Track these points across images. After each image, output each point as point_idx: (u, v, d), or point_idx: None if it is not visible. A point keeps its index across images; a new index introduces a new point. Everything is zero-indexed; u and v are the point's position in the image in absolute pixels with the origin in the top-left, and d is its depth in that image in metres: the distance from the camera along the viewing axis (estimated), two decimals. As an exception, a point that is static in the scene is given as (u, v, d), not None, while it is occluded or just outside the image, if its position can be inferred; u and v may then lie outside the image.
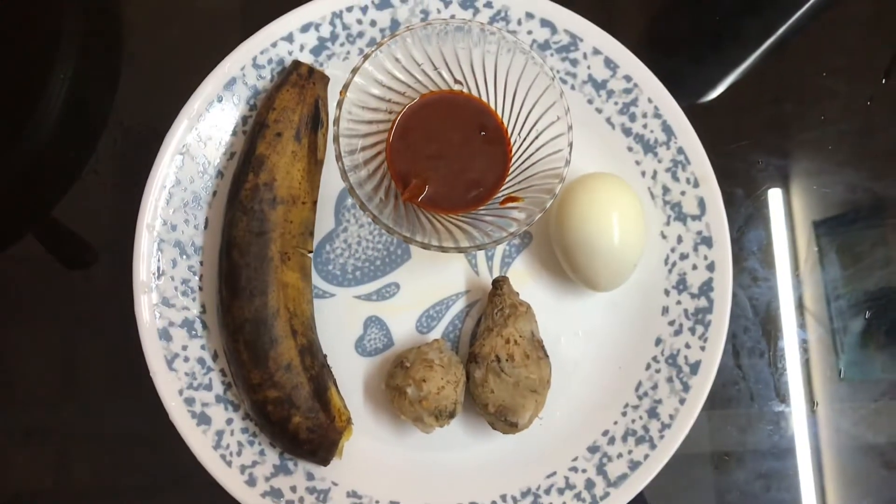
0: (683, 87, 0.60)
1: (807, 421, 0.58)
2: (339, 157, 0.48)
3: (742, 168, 0.61)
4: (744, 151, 0.62)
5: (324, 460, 0.51)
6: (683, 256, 0.55)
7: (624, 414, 0.54)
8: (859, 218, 0.61)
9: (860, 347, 0.59)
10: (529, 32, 0.57)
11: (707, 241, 0.55)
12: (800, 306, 0.60)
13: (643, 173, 0.57)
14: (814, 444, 0.58)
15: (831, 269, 0.60)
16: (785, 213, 0.61)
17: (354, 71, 0.49)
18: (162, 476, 0.56)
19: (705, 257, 0.55)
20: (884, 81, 0.63)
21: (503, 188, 0.53)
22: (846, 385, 0.59)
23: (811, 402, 0.59)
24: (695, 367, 0.54)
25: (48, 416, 0.57)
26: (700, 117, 0.56)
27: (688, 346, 0.54)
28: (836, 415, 0.58)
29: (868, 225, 0.61)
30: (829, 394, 0.59)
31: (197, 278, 0.55)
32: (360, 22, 0.56)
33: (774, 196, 0.61)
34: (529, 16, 0.57)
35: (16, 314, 0.58)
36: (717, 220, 0.55)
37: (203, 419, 0.52)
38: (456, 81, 0.53)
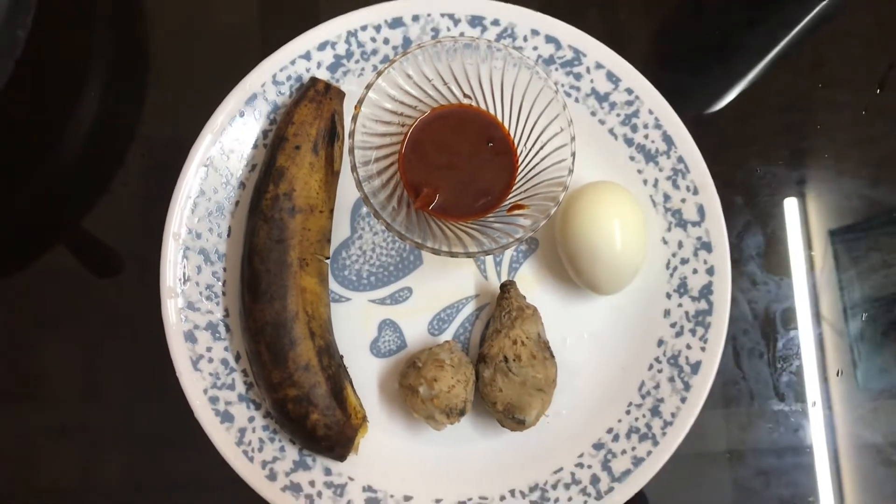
0: (687, 99, 0.62)
1: (806, 419, 0.59)
2: (354, 168, 0.50)
3: (741, 176, 0.62)
4: (744, 160, 0.63)
5: (340, 456, 0.53)
6: (684, 261, 0.56)
7: (627, 412, 0.55)
8: (855, 225, 0.63)
9: (877, 355, 0.60)
10: (535, 48, 0.58)
11: (707, 247, 0.56)
12: (810, 308, 0.61)
13: (645, 181, 0.58)
14: (813, 442, 0.59)
15: (829, 273, 0.61)
16: (782, 219, 0.62)
17: (368, 87, 0.50)
18: (186, 474, 0.57)
19: (705, 262, 0.56)
20: (878, 92, 0.64)
21: (510, 196, 0.54)
22: (845, 384, 0.60)
23: (809, 402, 0.60)
24: (696, 367, 0.55)
25: (77, 415, 0.58)
26: (703, 127, 0.57)
27: (689, 346, 0.55)
28: (836, 413, 0.59)
29: (862, 230, 0.62)
30: (826, 393, 0.60)
31: (220, 284, 0.56)
32: (374, 40, 0.58)
33: (773, 203, 0.62)
34: (535, 32, 0.58)
35: (47, 320, 0.59)
36: (717, 226, 0.56)
37: (226, 417, 0.54)
38: (465, 95, 0.54)
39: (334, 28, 0.58)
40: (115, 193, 0.61)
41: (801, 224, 0.62)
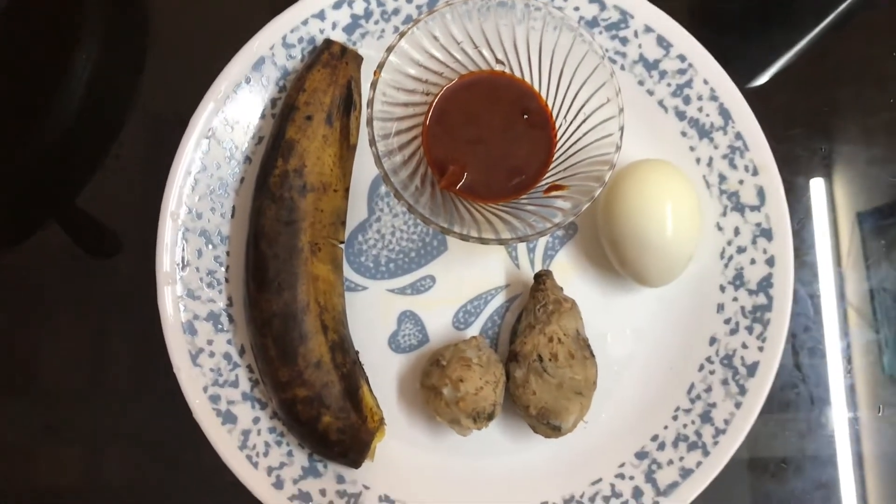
0: (736, 67, 0.57)
1: (874, 427, 0.56)
2: (372, 142, 0.47)
3: (804, 155, 0.59)
4: (803, 137, 0.59)
5: (355, 462, 0.50)
6: (741, 250, 0.53)
7: (675, 418, 0.52)
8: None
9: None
10: (576, 9, 0.55)
11: (767, 234, 0.53)
12: (880, 303, 0.57)
13: (698, 160, 0.55)
14: (881, 452, 0.55)
15: (893, 264, 0.57)
16: (846, 205, 0.59)
17: (389, 49, 0.48)
18: (189, 474, 0.56)
19: (764, 251, 0.53)
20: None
21: (547, 176, 0.51)
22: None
23: (875, 408, 0.56)
24: (752, 369, 0.52)
25: (72, 411, 0.56)
26: (756, 100, 0.54)
27: (745, 346, 0.52)
28: None
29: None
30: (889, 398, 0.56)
31: (223, 269, 0.53)
32: (395, -2, 0.55)
33: (835, 185, 0.59)
34: (576, -10, 0.55)
35: (39, 305, 0.58)
36: (778, 211, 0.53)
37: (229, 418, 0.51)
38: (497, 61, 0.52)
39: (352, -16, 0.55)
40: (110, 168, 0.59)
41: (871, 210, 0.59)
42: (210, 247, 0.53)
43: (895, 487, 0.55)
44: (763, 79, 0.60)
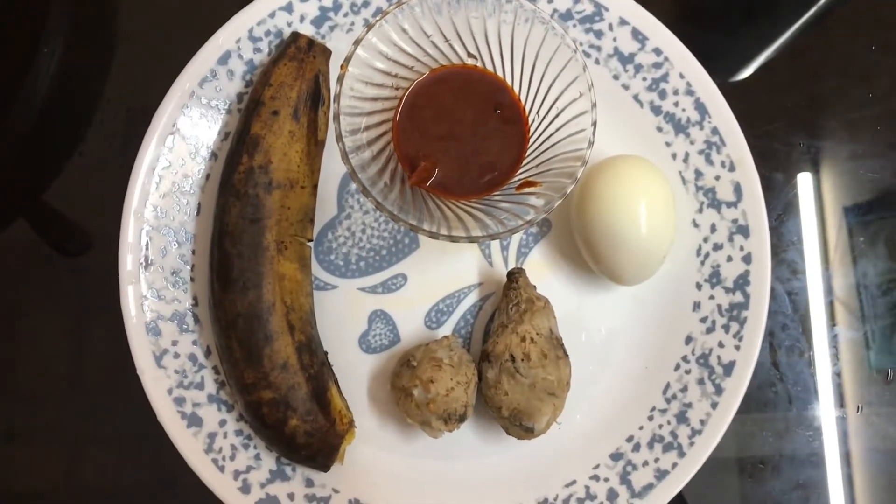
0: (716, 62, 0.57)
1: (851, 426, 0.55)
2: (339, 138, 0.46)
3: (782, 151, 0.58)
4: (783, 132, 0.59)
5: (324, 466, 0.49)
6: (717, 247, 0.53)
7: (650, 418, 0.52)
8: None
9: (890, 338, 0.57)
10: (550, 1, 0.54)
11: (743, 231, 0.52)
12: (860, 301, 0.57)
13: (674, 156, 0.54)
14: (858, 451, 0.55)
15: (875, 260, 0.57)
16: (827, 200, 0.58)
17: (357, 42, 0.47)
18: (162, 474, 0.55)
19: (741, 248, 0.52)
20: (940, 55, 0.59)
21: (520, 172, 0.50)
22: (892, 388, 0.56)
23: (856, 406, 0.56)
24: (728, 368, 0.51)
25: (48, 411, 0.56)
26: (734, 95, 0.54)
27: (721, 344, 0.52)
28: (885, 420, 0.55)
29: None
30: (876, 397, 0.56)
31: (188, 268, 0.53)
32: (365, -10, 0.54)
33: (817, 181, 0.58)
34: (550, -18, 0.54)
35: (10, 304, 0.57)
36: (755, 207, 0.53)
37: (194, 420, 0.50)
38: (469, 55, 0.51)
39: (320, -25, 0.54)
40: (75, 164, 0.59)
41: (847, 205, 0.58)
42: (175, 245, 0.52)
43: (879, 484, 0.55)
44: (744, 74, 0.60)
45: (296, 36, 0.51)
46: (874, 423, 0.55)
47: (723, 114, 0.53)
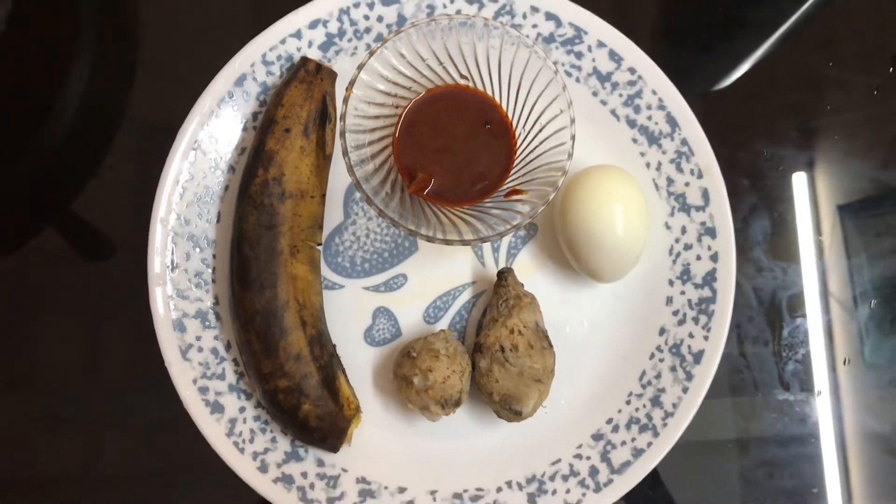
0: (692, 77, 0.60)
1: (812, 408, 0.58)
2: (345, 153, 0.49)
3: (748, 158, 0.61)
4: (750, 141, 0.61)
5: (333, 447, 0.52)
6: (687, 247, 0.55)
7: (628, 402, 0.55)
8: (866, 201, 0.61)
9: (885, 333, 0.59)
10: (535, 26, 0.57)
11: (711, 232, 0.55)
12: (819, 295, 0.60)
13: (648, 164, 0.57)
14: (818, 432, 0.58)
15: (838, 257, 0.60)
16: (790, 203, 0.61)
17: (360, 67, 0.49)
18: (183, 461, 0.57)
19: (709, 247, 0.55)
20: (891, 71, 0.62)
21: (508, 181, 0.53)
22: (852, 373, 0.59)
23: (815, 391, 0.59)
24: (698, 357, 0.54)
25: (71, 403, 0.58)
26: (708, 108, 0.56)
27: (691, 335, 0.54)
28: (842, 402, 0.59)
29: (874, 214, 0.61)
30: (833, 382, 0.59)
31: (210, 271, 0.55)
32: (367, 18, 0.57)
33: (781, 186, 0.61)
34: (534, 9, 0.56)
35: (38, 305, 0.59)
36: (721, 210, 0.55)
37: (216, 407, 0.53)
38: (461, 76, 0.53)
39: (326, 5, 0.56)
40: (103, 177, 0.60)
41: (810, 207, 0.61)
42: (197, 250, 0.55)
43: (839, 457, 0.58)
44: (715, 87, 0.62)
45: (305, 60, 0.54)
46: (834, 406, 0.58)
47: (692, 126, 0.55)
